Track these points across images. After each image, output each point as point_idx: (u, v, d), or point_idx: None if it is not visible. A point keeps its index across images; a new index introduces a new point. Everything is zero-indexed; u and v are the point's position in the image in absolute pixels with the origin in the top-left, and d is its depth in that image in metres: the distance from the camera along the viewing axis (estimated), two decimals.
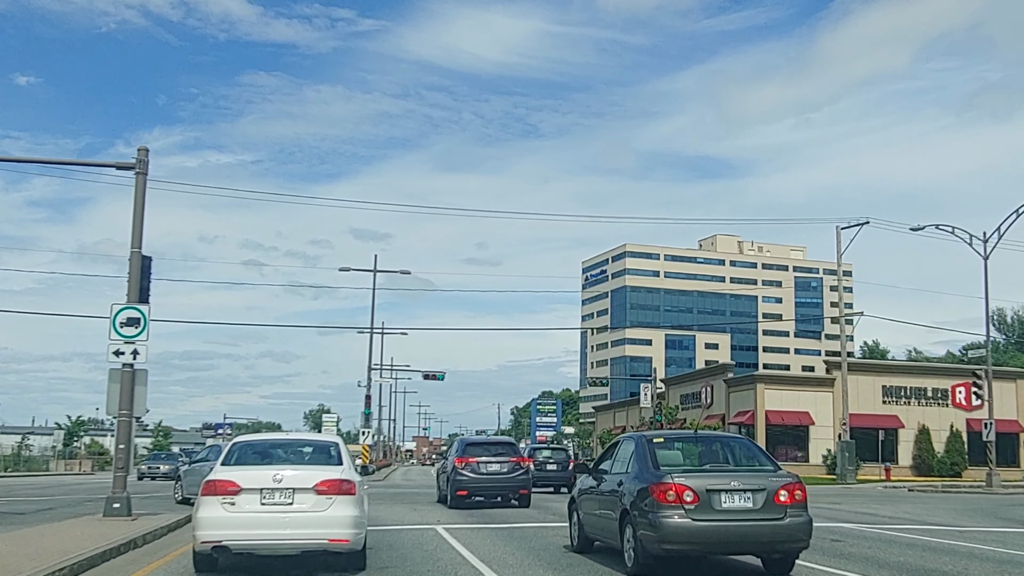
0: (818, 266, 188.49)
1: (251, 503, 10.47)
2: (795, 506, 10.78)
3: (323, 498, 10.49)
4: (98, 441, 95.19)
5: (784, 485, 10.88)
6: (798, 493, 10.88)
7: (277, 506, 10.48)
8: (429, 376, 47.47)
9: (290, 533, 10.43)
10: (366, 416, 46.49)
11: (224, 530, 10.40)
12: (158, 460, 47.68)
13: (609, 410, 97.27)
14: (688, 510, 10.50)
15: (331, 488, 10.54)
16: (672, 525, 10.46)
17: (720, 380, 64.44)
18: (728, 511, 10.60)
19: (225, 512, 10.43)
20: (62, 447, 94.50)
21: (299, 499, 10.49)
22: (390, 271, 46.16)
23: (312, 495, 10.49)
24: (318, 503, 10.49)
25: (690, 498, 10.54)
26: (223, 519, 10.42)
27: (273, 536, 10.44)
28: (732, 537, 10.66)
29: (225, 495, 10.47)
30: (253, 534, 10.42)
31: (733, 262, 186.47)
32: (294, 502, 10.47)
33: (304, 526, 10.45)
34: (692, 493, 10.56)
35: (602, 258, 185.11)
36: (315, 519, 10.45)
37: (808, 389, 60.17)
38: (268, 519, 10.44)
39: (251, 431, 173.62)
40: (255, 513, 10.44)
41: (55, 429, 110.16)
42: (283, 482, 10.51)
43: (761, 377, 60.21)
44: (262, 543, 10.53)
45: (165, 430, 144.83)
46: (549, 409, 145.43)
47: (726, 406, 63.14)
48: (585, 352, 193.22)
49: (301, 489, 10.51)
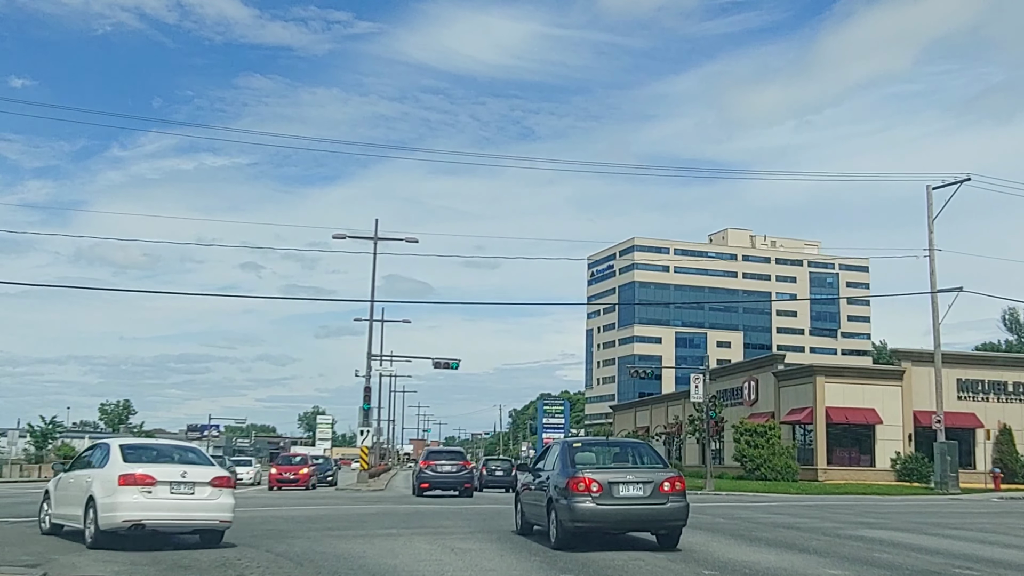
0: (834, 261, 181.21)
1: (163, 492, 12.97)
2: (675, 494, 13.56)
3: (216, 490, 13.23)
4: (69, 444, 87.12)
5: (667, 478, 13.66)
6: (678, 484, 13.66)
7: (183, 495, 13.10)
8: (441, 364, 39.64)
9: (192, 515, 13.14)
10: (365, 412, 38.68)
11: (143, 512, 12.79)
12: None
13: (628, 410, 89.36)
14: (594, 497, 13.27)
15: (223, 483, 13.38)
16: (582, 508, 13.24)
17: (767, 373, 56.47)
18: (625, 498, 13.40)
19: (144, 499, 12.83)
20: (35, 450, 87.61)
21: (199, 490, 13.14)
22: (393, 238, 38.06)
23: (209, 487, 13.20)
24: (212, 494, 13.20)
25: (596, 488, 13.29)
26: (142, 503, 12.80)
27: (180, 518, 13.15)
28: (628, 517, 13.54)
29: (143, 485, 12.87)
30: (165, 516, 13.00)
31: (745, 256, 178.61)
32: (195, 492, 13.11)
33: (202, 510, 13.15)
34: (597, 484, 13.31)
35: (609, 252, 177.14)
36: (210, 505, 13.16)
37: (874, 383, 52.17)
38: (176, 504, 13.03)
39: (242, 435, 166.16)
40: (166, 500, 12.97)
41: (27, 431, 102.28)
42: (187, 477, 13.15)
43: (821, 369, 52.18)
44: (171, 523, 13.20)
45: (151, 433, 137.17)
46: (556, 410, 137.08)
47: (775, 403, 55.18)
48: (591, 351, 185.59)
49: (200, 483, 13.18)
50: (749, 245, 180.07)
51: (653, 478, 13.52)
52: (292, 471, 38.49)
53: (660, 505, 13.36)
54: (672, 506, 13.40)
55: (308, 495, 32.54)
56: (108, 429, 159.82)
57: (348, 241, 38.59)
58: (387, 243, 39.57)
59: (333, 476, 46.63)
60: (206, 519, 13.13)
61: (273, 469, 39.15)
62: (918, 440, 51.29)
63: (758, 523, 18.95)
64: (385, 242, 39.51)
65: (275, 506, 23.55)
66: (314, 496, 31.67)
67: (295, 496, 31.54)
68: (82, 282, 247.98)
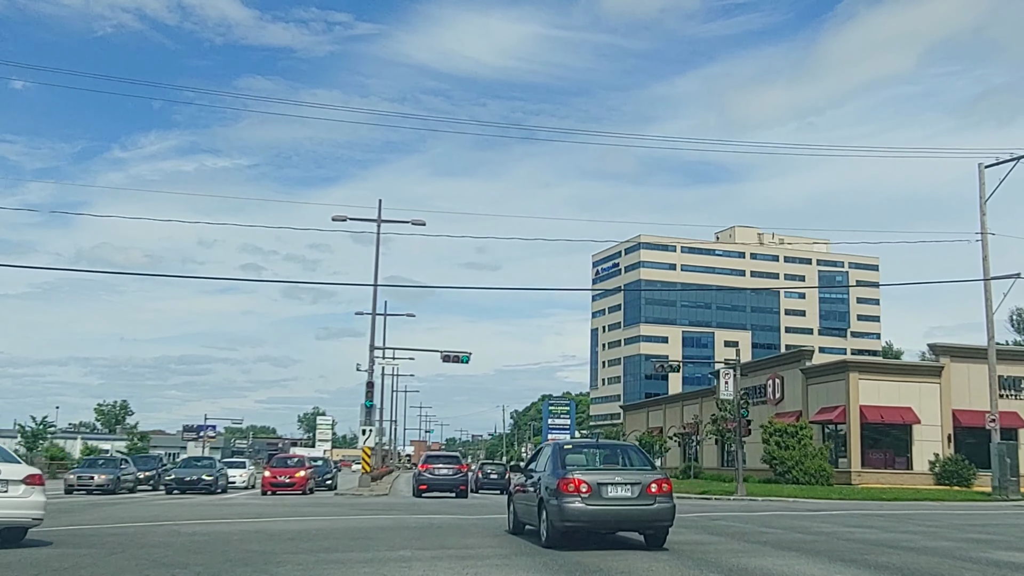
0: (843, 259, 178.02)
1: None
2: (662, 495, 13.90)
3: (28, 487, 13.37)
4: (58, 445, 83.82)
5: (655, 480, 14.00)
6: (664, 486, 14.00)
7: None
8: (451, 358, 36.31)
9: (6, 513, 13.10)
10: (367, 410, 35.29)
11: None
12: (93, 467, 35.45)
13: (639, 410, 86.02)
14: (584, 498, 13.59)
15: (35, 480, 13.53)
16: (571, 508, 13.55)
17: (794, 370, 53.15)
18: (613, 498, 13.73)
19: None
20: (27, 451, 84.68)
21: (12, 488, 13.20)
22: (398, 220, 34.73)
23: (22, 486, 13.31)
24: (25, 492, 13.34)
25: (585, 489, 13.62)
26: None
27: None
28: (616, 517, 13.84)
29: None
30: None
31: (753, 255, 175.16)
32: (8, 490, 13.16)
33: (16, 508, 13.20)
34: (587, 485, 13.64)
35: (614, 251, 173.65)
36: (23, 503, 13.29)
37: (911, 379, 48.83)
38: None
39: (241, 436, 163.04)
40: None
41: (18, 432, 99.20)
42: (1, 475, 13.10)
43: (854, 364, 48.78)
44: None
45: (143, 434, 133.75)
46: (562, 410, 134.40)
47: (803, 401, 51.88)
48: (596, 351, 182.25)
49: (13, 481, 13.24)
50: (757, 243, 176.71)
51: (641, 480, 13.95)
52: (287, 474, 35.18)
53: (647, 506, 13.79)
54: (659, 507, 13.82)
55: (304, 501, 29.23)
56: (105, 430, 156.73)
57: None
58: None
59: (332, 479, 43.34)
60: (19, 516, 13.30)
61: (266, 472, 35.84)
62: (957, 440, 48.03)
63: (847, 540, 15.64)
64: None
65: (264, 516, 20.24)
66: (311, 502, 28.37)
67: (289, 503, 28.22)
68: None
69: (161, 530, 15.51)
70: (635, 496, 13.73)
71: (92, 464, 36.74)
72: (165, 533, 14.89)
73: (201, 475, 35.69)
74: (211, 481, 35.56)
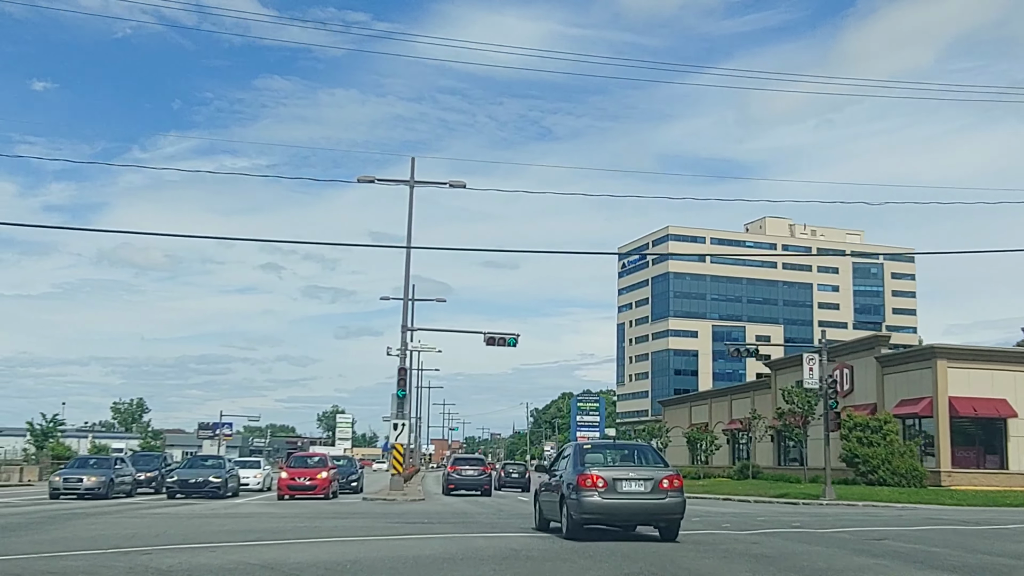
0: (878, 251, 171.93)
1: None
2: (674, 490, 14.75)
3: None
4: (65, 444, 79.32)
5: (666, 476, 14.85)
6: (676, 482, 14.85)
7: None
8: (496, 340, 31.24)
9: None
10: (399, 400, 30.14)
11: None
12: (83, 468, 30.17)
13: (680, 405, 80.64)
14: (600, 492, 14.46)
15: None
16: (588, 502, 14.46)
17: (868, 358, 47.86)
18: (627, 493, 14.60)
19: None
20: (36, 450, 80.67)
21: None
22: (433, 183, 29.73)
23: None
24: None
25: (601, 484, 14.49)
26: None
27: None
28: (630, 510, 14.76)
29: None
30: None
31: (785, 247, 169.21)
32: None
33: None
34: (603, 480, 14.53)
35: (641, 243, 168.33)
36: None
37: (1005, 368, 43.46)
38: None
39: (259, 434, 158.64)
40: None
41: (27, 430, 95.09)
42: None
43: (943, 351, 43.30)
44: None
45: (157, 432, 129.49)
46: (591, 407, 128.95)
47: (878, 392, 46.58)
48: (622, 347, 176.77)
49: None
50: (788, 235, 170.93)
51: (654, 475, 14.81)
52: (308, 475, 30.19)
53: (659, 500, 14.63)
54: (670, 501, 14.68)
55: (329, 509, 24.24)
56: (121, 429, 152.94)
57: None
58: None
59: (358, 481, 38.31)
60: None
61: (283, 473, 30.86)
62: None
63: None
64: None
65: (277, 536, 15.21)
66: (337, 511, 23.36)
67: (310, 510, 23.24)
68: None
69: (121, 564, 10.50)
70: (648, 491, 14.63)
71: (83, 464, 31.69)
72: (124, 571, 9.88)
73: (208, 476, 30.77)
74: (219, 484, 30.66)
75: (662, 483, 14.56)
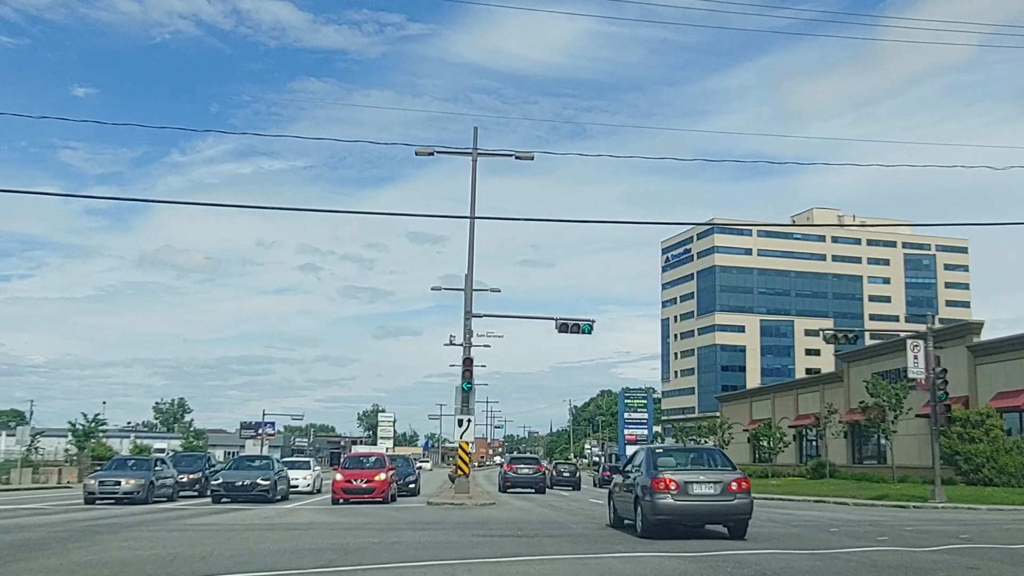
0: (930, 242, 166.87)
1: None
2: (742, 492, 15.70)
3: None
4: (106, 444, 77.53)
5: (735, 479, 15.82)
6: (744, 484, 15.80)
7: None
8: (569, 327, 28.32)
9: None
10: (465, 394, 27.21)
11: None
12: (120, 470, 27.77)
13: (740, 400, 77.15)
14: (673, 494, 15.45)
15: None
16: (662, 503, 15.45)
17: (958, 347, 44.28)
18: (698, 495, 15.57)
19: None
20: (78, 450, 79.39)
21: None
22: (499, 153, 26.74)
23: None
24: None
25: (674, 486, 15.47)
26: None
27: None
28: (700, 511, 15.72)
29: None
30: None
31: (834, 238, 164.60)
32: None
33: None
34: (676, 483, 15.51)
35: (686, 236, 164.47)
36: None
37: None
38: None
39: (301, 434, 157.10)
40: None
41: (69, 430, 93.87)
42: None
43: None
44: None
45: (199, 431, 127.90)
46: (638, 404, 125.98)
47: (970, 384, 43.02)
48: (667, 342, 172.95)
49: None
50: (837, 226, 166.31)
51: (723, 478, 15.77)
52: (364, 477, 27.38)
53: (728, 501, 15.58)
54: (739, 502, 15.63)
55: (396, 517, 21.37)
56: (163, 429, 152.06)
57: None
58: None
59: (415, 482, 35.53)
60: None
61: (338, 475, 28.05)
62: None
63: None
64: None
65: (347, 561, 12.25)
66: (408, 520, 20.47)
67: (376, 519, 20.38)
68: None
69: None
70: (718, 493, 15.51)
71: (120, 465, 29.05)
72: None
73: (256, 479, 28.09)
74: (268, 486, 27.98)
75: (731, 486, 15.66)
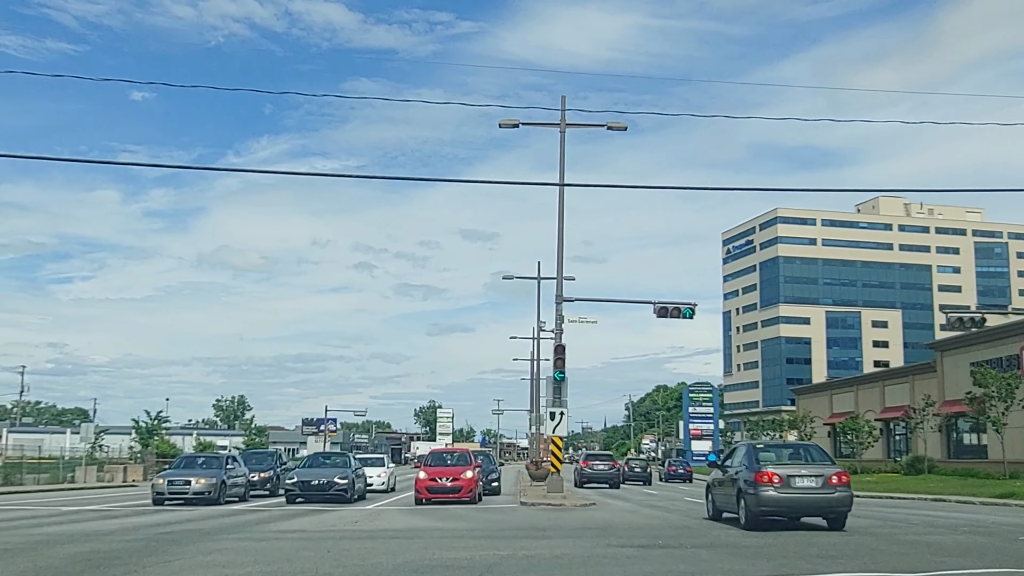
0: (1001, 229, 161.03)
1: None
2: (842, 486, 16.47)
3: None
4: (169, 441, 76.72)
5: (835, 472, 16.63)
6: (843, 478, 16.59)
7: None
8: (669, 311, 26.03)
9: None
10: (557, 385, 24.97)
11: None
12: (190, 468, 26.26)
13: (819, 393, 74.03)
14: (776, 487, 16.22)
15: None
16: (766, 496, 16.21)
17: None
18: (800, 488, 16.33)
19: None
20: (141, 447, 79.03)
21: None
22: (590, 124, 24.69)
23: None
24: None
25: (777, 480, 16.25)
26: None
27: None
28: (802, 503, 16.40)
29: None
30: None
31: (901, 227, 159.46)
32: None
33: None
34: (778, 477, 16.28)
35: (747, 227, 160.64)
36: None
37: None
38: None
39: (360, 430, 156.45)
40: None
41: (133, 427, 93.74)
42: None
43: None
44: None
45: (261, 428, 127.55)
46: (704, 398, 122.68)
47: None
48: (729, 335, 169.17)
49: None
50: (904, 214, 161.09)
51: (823, 472, 16.59)
52: (450, 475, 25.29)
53: (829, 494, 16.30)
54: (839, 495, 16.35)
55: (496, 521, 19.17)
56: (224, 426, 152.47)
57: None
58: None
59: (498, 480, 33.38)
60: None
61: (422, 473, 25.94)
62: None
63: None
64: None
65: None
66: (513, 524, 18.26)
67: (481, 525, 18.20)
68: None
69: None
70: (819, 486, 16.37)
71: (190, 464, 27.23)
72: None
73: (333, 477, 26.14)
74: (345, 486, 26.03)
75: (831, 479, 16.42)
